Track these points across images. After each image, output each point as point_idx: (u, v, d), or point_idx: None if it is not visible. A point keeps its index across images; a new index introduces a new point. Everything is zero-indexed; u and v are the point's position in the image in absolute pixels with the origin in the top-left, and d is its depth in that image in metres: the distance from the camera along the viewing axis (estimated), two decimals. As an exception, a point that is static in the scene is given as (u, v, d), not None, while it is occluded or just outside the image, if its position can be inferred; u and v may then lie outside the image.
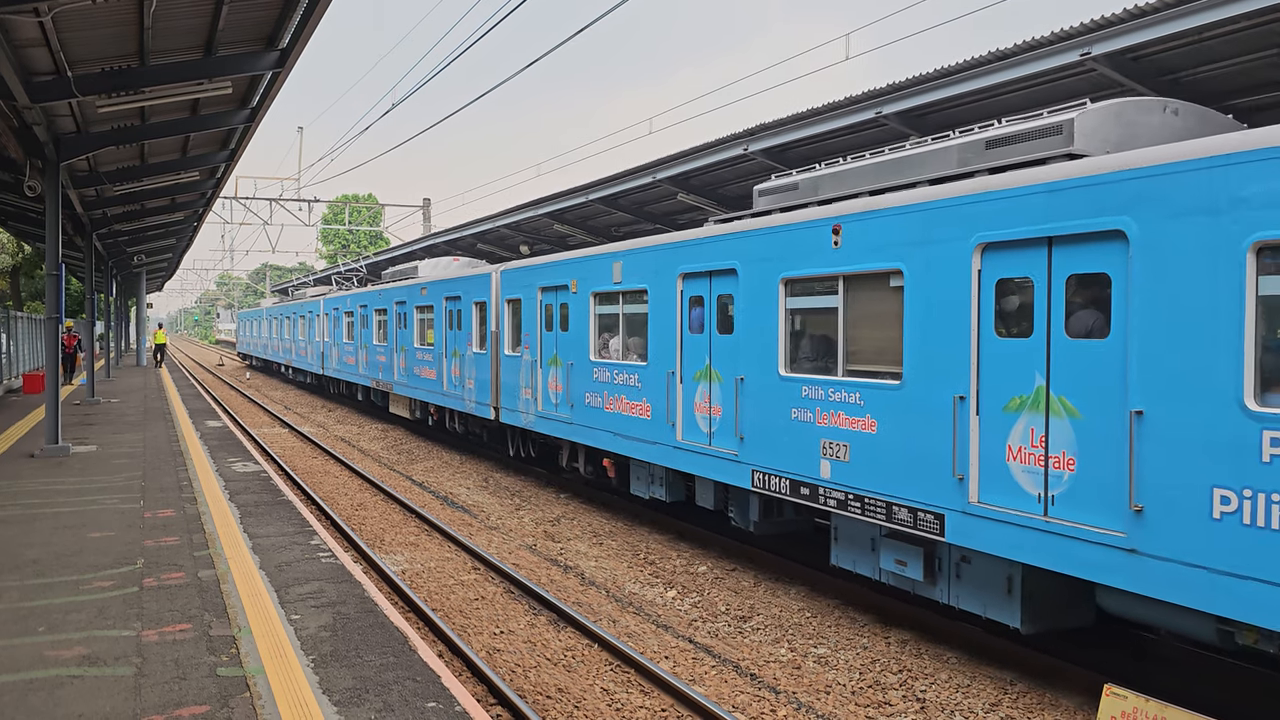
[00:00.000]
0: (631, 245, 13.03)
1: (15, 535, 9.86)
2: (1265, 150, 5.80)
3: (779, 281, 10.05)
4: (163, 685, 5.95)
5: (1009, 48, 10.31)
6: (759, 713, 7.57)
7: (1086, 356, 6.90)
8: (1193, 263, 6.20)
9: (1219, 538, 6.00)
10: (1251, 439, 5.81)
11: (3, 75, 11.15)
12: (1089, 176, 6.90)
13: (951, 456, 7.96)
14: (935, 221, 8.16)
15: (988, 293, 7.72)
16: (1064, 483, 7.07)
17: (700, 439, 11.50)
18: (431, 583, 11.14)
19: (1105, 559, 6.70)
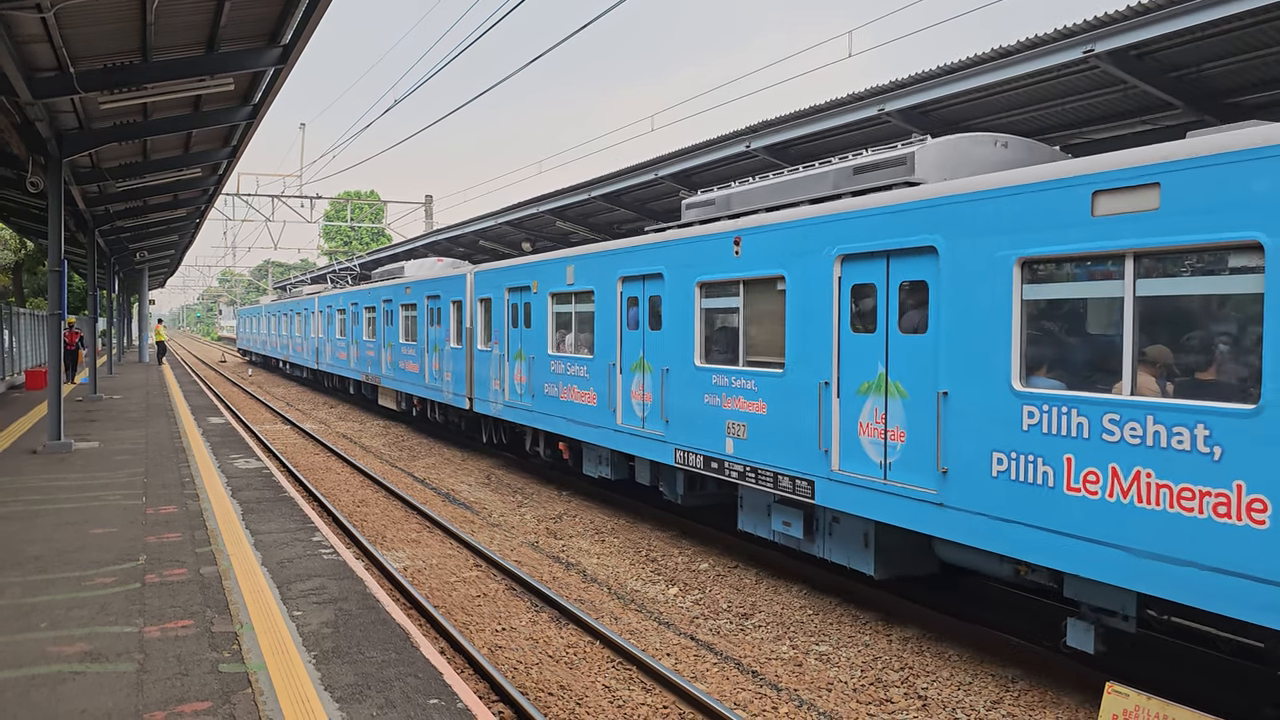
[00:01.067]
0: (582, 251, 14.56)
1: (17, 531, 9.87)
2: (1031, 185, 7.33)
3: (695, 284, 11.56)
4: (165, 681, 5.96)
5: (1011, 45, 10.29)
6: (761, 710, 7.57)
7: (913, 349, 8.46)
8: (979, 273, 7.76)
9: (996, 491, 7.61)
10: (1016, 413, 7.44)
11: (5, 71, 11.15)
12: (914, 202, 8.44)
13: (818, 432, 9.54)
14: (809, 236, 9.69)
15: (846, 296, 9.27)
16: (898, 452, 8.64)
17: (636, 423, 12.95)
18: (433, 579, 11.14)
19: (924, 513, 8.29)
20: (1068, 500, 7.04)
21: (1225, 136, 6.24)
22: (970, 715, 7.48)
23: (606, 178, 19.02)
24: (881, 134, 13.20)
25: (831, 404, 9.36)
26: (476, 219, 26.80)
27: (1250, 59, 9.49)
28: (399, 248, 36.14)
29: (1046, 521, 7.20)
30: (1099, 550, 6.83)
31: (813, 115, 13.22)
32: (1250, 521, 5.93)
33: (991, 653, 8.71)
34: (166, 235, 34.96)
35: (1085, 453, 6.92)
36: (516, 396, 16.82)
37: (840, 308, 9.29)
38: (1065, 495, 7.06)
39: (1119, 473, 6.72)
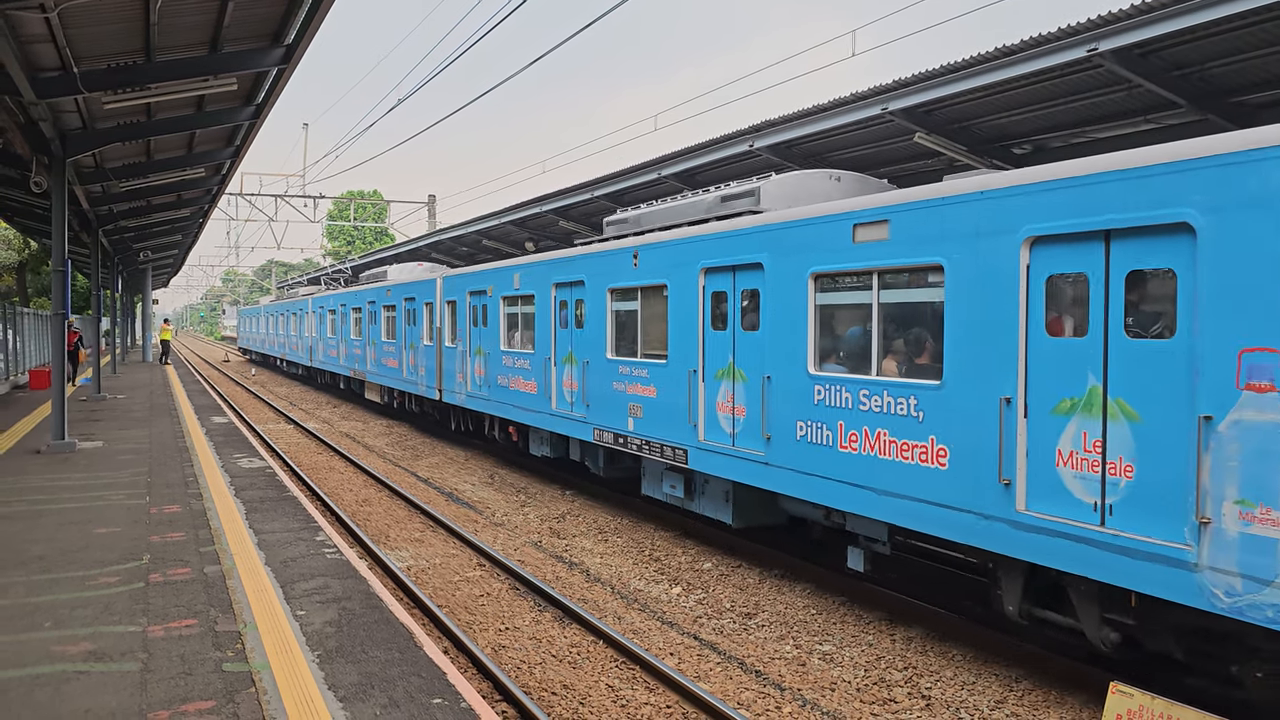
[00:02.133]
0: (526, 260, 16.75)
1: (21, 531, 9.88)
2: (819, 218, 9.61)
3: (606, 290, 13.69)
4: (169, 681, 5.96)
5: (1015, 44, 10.26)
6: (764, 710, 7.57)
7: (750, 342, 10.68)
8: (788, 284, 10.01)
9: (800, 451, 9.82)
10: (810, 391, 9.69)
11: (9, 71, 11.16)
12: (751, 227, 10.63)
13: (688, 410, 11.71)
14: (683, 252, 11.84)
15: (708, 301, 11.44)
16: (740, 424, 10.81)
17: (565, 407, 15.08)
18: (437, 579, 11.15)
19: (758, 471, 10.49)
20: (842, 455, 9.30)
21: (926, 189, 8.47)
22: (974, 715, 7.47)
23: (609, 177, 19.01)
24: (885, 133, 13.18)
25: (698, 388, 11.59)
26: (480, 219, 26.79)
27: (1254, 57, 9.47)
28: (389, 251, 36.66)
29: (830, 473, 9.43)
30: (861, 492, 9.07)
31: (816, 114, 13.20)
32: (939, 465, 8.18)
33: (995, 653, 8.70)
34: (170, 235, 34.99)
35: (850, 419, 9.24)
36: (476, 387, 19.08)
37: (704, 310, 11.51)
38: (839, 452, 9.33)
39: (869, 433, 8.98)
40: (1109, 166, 6.80)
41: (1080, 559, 6.91)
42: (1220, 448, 6.08)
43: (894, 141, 13.50)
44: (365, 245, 75.33)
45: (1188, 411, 6.28)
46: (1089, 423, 6.92)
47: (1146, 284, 6.66)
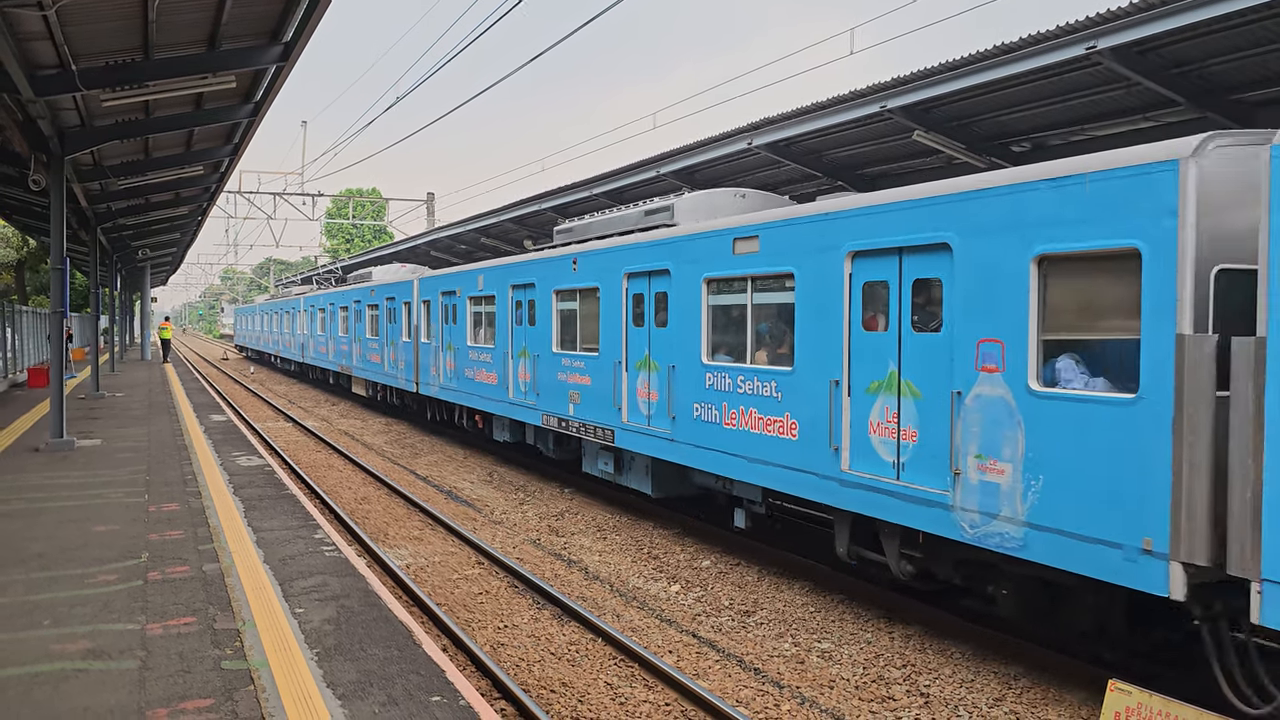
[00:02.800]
0: (488, 264, 18.68)
1: (20, 529, 9.88)
2: (709, 232, 11.39)
3: (552, 291, 15.57)
4: (167, 679, 5.96)
5: (1014, 41, 10.27)
6: (763, 707, 7.57)
7: (662, 336, 12.45)
8: (689, 287, 11.76)
9: (697, 428, 11.64)
10: (703, 377, 11.52)
11: (7, 69, 11.14)
12: (662, 239, 12.45)
13: (613, 395, 13.52)
14: (611, 259, 13.67)
15: (629, 301, 13.23)
16: (653, 407, 12.70)
17: (520, 396, 16.90)
18: (435, 577, 11.15)
19: (666, 447, 12.30)
20: (726, 431, 11.11)
21: (785, 209, 10.49)
22: (973, 712, 7.48)
23: (608, 175, 19.01)
24: (883, 130, 13.18)
25: (622, 376, 13.39)
26: (478, 216, 26.79)
27: (1254, 55, 9.46)
28: (388, 249, 36.98)
29: (719, 446, 11.26)
30: (740, 461, 10.86)
31: (815, 112, 13.19)
32: (791, 436, 10.05)
33: (994, 650, 8.70)
34: (168, 233, 34.97)
35: (731, 400, 11.04)
36: (448, 380, 20.84)
37: (627, 309, 13.30)
38: (724, 428, 11.15)
39: (744, 411, 10.80)
40: (901, 198, 8.68)
41: (885, 507, 8.79)
42: (965, 416, 7.92)
43: (893, 139, 13.50)
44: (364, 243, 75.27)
45: (948, 389, 8.09)
46: (889, 399, 8.77)
47: (926, 290, 8.45)
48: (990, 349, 7.72)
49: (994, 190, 7.76)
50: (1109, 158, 7.02)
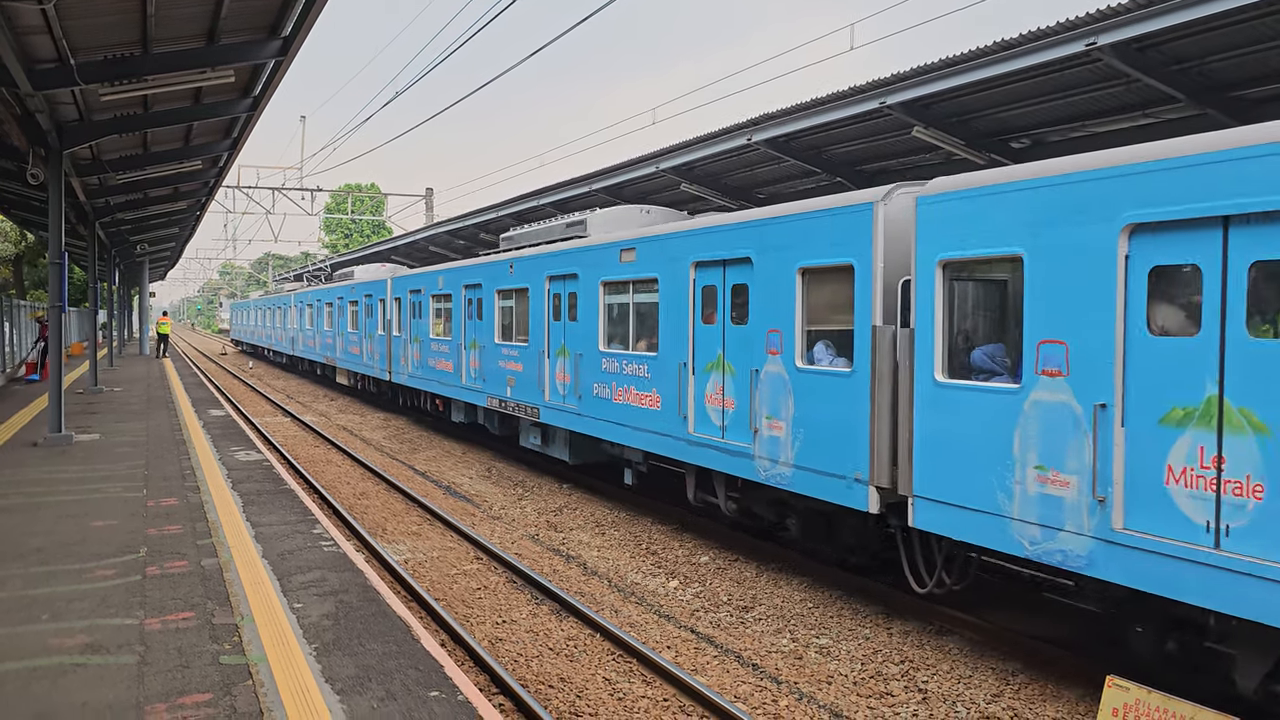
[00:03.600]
0: (447, 266, 21.25)
1: (18, 524, 9.88)
2: (603, 245, 13.85)
3: (495, 291, 18.22)
4: (166, 673, 5.97)
5: (1014, 38, 10.25)
6: (761, 703, 7.58)
7: (574, 329, 14.85)
8: (590, 289, 14.27)
9: (596, 404, 14.00)
10: (600, 363, 13.88)
11: (5, 63, 11.11)
12: (573, 249, 14.93)
13: (539, 379, 16.02)
14: (537, 264, 16.19)
15: (550, 299, 15.72)
16: (567, 388, 15.02)
17: (470, 381, 19.43)
18: (434, 572, 11.15)
19: (577, 420, 14.71)
20: (616, 405, 13.52)
21: (656, 228, 12.80)
22: (970, 708, 7.49)
23: (607, 170, 18.98)
24: (883, 127, 13.16)
25: (545, 363, 15.88)
26: (477, 211, 26.75)
27: (1254, 52, 9.46)
28: (386, 245, 37.42)
29: (611, 418, 13.68)
30: (626, 429, 13.27)
31: (814, 108, 13.18)
32: (659, 407, 12.41)
33: (992, 647, 8.71)
34: (167, 227, 34.91)
35: (619, 380, 13.47)
36: (414, 369, 23.42)
37: (548, 306, 15.77)
38: (614, 403, 13.56)
39: (627, 389, 13.21)
40: (724, 222, 11.20)
41: (715, 459, 11.28)
42: (760, 387, 10.45)
43: (892, 135, 13.49)
44: (363, 238, 75.20)
45: (749, 367, 10.66)
46: (718, 376, 11.26)
47: (741, 292, 10.87)
48: (774, 337, 10.28)
49: (777, 219, 10.30)
50: (842, 199, 9.48)
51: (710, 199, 18.15)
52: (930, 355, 8.26)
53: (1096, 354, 6.91)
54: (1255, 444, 5.90)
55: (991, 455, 7.67)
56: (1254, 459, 5.90)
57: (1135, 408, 6.66)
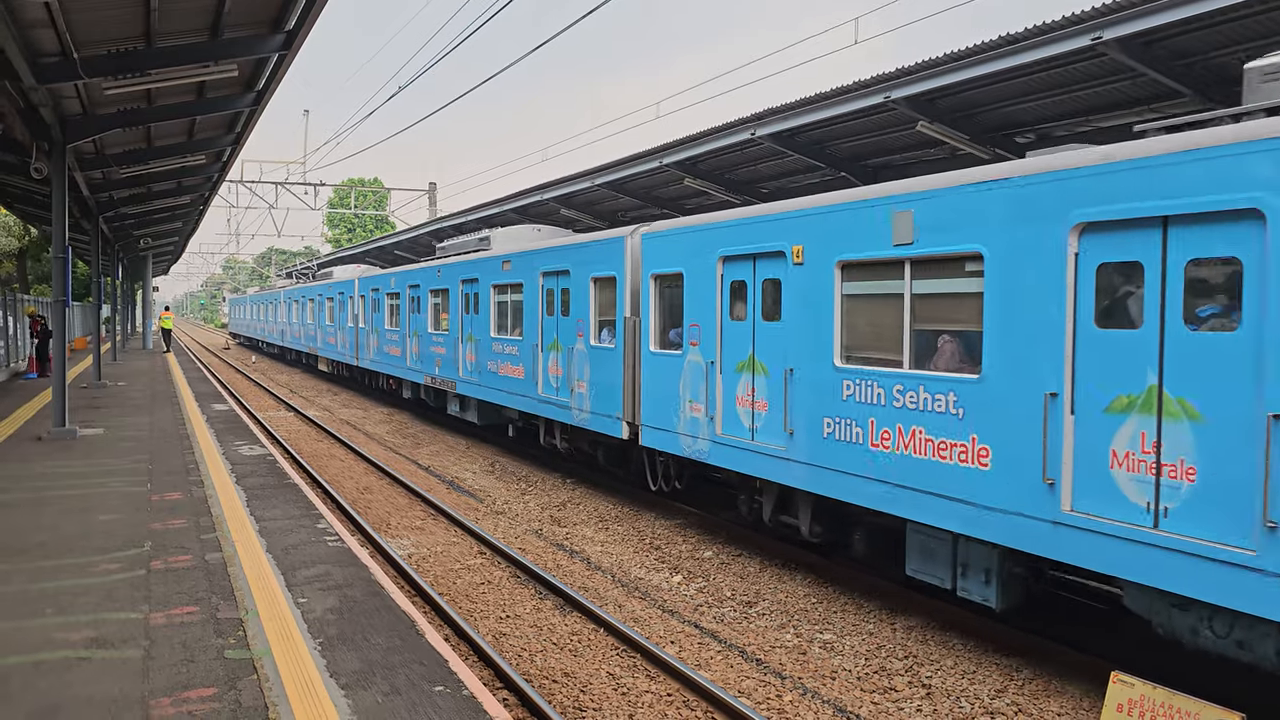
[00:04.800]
0: (398, 270, 25.60)
1: (23, 518, 9.89)
2: (495, 256, 18.06)
3: (429, 290, 22.49)
4: (171, 667, 5.97)
5: (1019, 32, 10.22)
6: (765, 698, 7.58)
7: (472, 321, 19.12)
8: (486, 290, 18.47)
9: (491, 378, 18.05)
10: (491, 345, 18.21)
11: (9, 56, 11.11)
12: (478, 259, 18.99)
13: (456, 360, 20.12)
14: (455, 270, 20.40)
15: (461, 298, 19.92)
16: (471, 365, 19.26)
17: (413, 363, 23.81)
18: (438, 567, 11.16)
19: (477, 389, 18.63)
20: (501, 377, 17.48)
21: (530, 243, 17.00)
22: (974, 704, 7.49)
23: (610, 165, 18.96)
24: (888, 121, 13.13)
25: (460, 347, 20.07)
26: (480, 206, 26.74)
27: (1260, 46, 9.42)
28: (389, 239, 37.74)
29: (498, 386, 17.70)
30: (507, 395, 17.36)
31: (818, 103, 13.15)
32: (523, 377, 16.55)
33: (996, 642, 8.71)
34: (170, 222, 34.91)
35: (500, 359, 17.46)
36: (375, 354, 28.03)
37: (461, 303, 20.00)
38: (499, 375, 17.55)
39: (506, 365, 17.19)
40: (558, 244, 15.43)
41: (553, 412, 15.55)
42: (574, 360, 14.71)
43: (897, 130, 13.46)
44: (366, 233, 75.16)
45: (570, 346, 14.78)
46: (553, 353, 15.65)
47: (565, 294, 15.12)
48: (581, 324, 14.62)
49: (581, 245, 14.80)
50: (610, 233, 14.02)
51: (715, 193, 18.13)
52: (648, 334, 12.90)
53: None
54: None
55: (670, 395, 12.44)
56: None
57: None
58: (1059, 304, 7.16)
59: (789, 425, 10.06)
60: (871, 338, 9.21)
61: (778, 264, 10.33)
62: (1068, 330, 7.10)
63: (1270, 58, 6.72)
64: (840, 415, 9.35)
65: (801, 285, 9.92)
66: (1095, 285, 6.96)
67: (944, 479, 8.15)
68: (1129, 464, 6.70)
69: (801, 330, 9.92)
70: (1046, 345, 7.23)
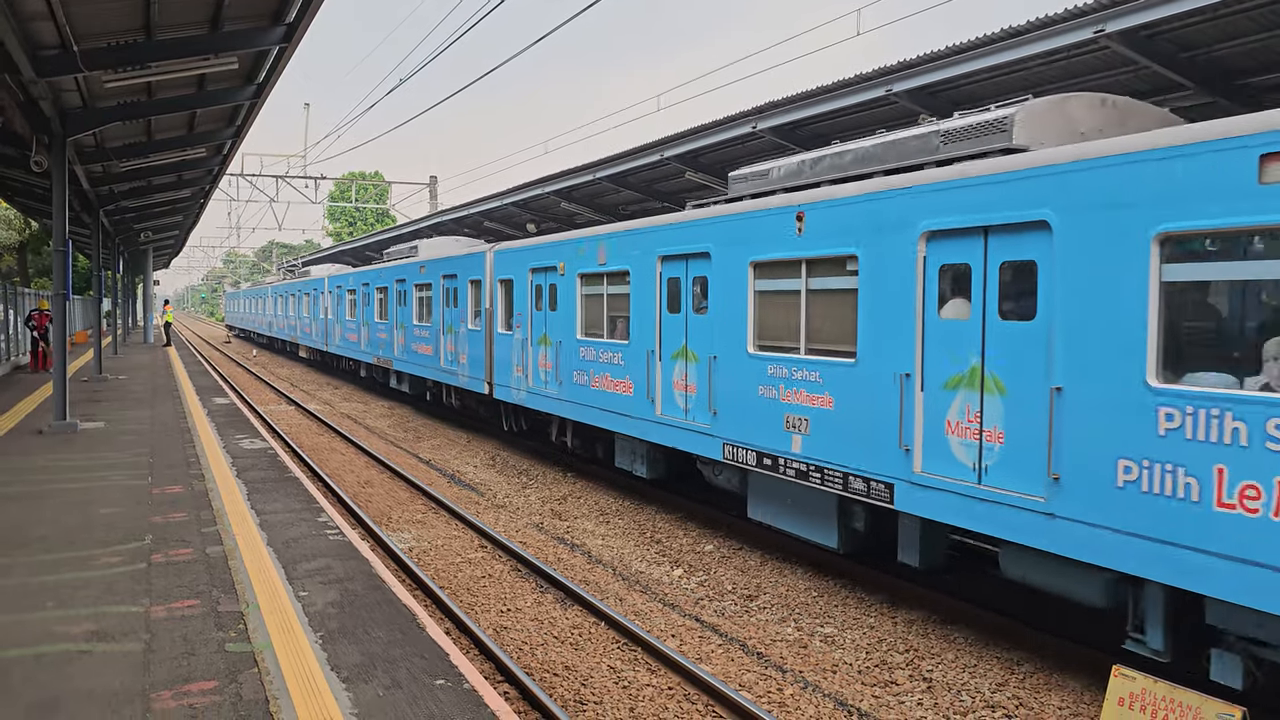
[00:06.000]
0: (356, 270, 30.39)
1: (24, 512, 9.89)
2: (410, 263, 24.54)
3: (375, 288, 27.37)
4: (171, 661, 5.97)
5: (1021, 24, 10.19)
6: (766, 691, 7.58)
7: (401, 312, 24.86)
8: (408, 289, 24.23)
9: (414, 355, 23.78)
10: (413, 331, 23.68)
11: (9, 49, 11.09)
12: (405, 263, 24.66)
13: (393, 343, 25.43)
14: (394, 271, 25.30)
15: (396, 294, 25.23)
16: (402, 347, 24.72)
17: (366, 347, 28.60)
18: (439, 560, 11.16)
19: (407, 365, 24.21)
20: (418, 354, 23.00)
21: (440, 251, 22.98)
22: (975, 697, 7.49)
23: (612, 159, 18.94)
24: (889, 114, 13.10)
25: (395, 333, 25.05)
26: (481, 200, 26.73)
27: (1263, 39, 9.40)
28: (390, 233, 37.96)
29: (419, 362, 23.04)
30: (424, 368, 22.74)
31: (820, 96, 13.12)
32: (431, 354, 22.26)
33: (997, 636, 8.71)
34: (171, 215, 34.89)
35: (420, 340, 22.93)
36: (340, 341, 32.82)
37: (397, 298, 24.34)
38: (417, 353, 23.00)
39: (422, 345, 22.86)
40: (454, 253, 20.22)
41: (450, 379, 20.52)
42: (460, 339, 19.79)
43: (899, 123, 13.42)
44: (367, 226, 75.08)
45: (456, 329, 19.91)
46: (447, 336, 20.63)
47: (454, 292, 20.12)
48: (458, 311, 19.30)
49: (457, 257, 20.16)
50: (478, 246, 19.74)
51: (716, 187, 18.10)
52: (496, 321, 18.03)
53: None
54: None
55: (509, 363, 17.30)
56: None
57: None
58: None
59: (560, 379, 15.38)
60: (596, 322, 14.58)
61: (553, 273, 15.72)
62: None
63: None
64: (581, 369, 14.69)
65: (565, 286, 15.19)
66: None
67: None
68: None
69: (565, 315, 15.19)
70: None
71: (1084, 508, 6.94)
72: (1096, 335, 6.80)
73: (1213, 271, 6.38)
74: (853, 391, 9.11)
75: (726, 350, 10.92)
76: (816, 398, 9.57)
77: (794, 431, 9.87)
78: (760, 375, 10.35)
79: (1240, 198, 5.92)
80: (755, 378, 10.42)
